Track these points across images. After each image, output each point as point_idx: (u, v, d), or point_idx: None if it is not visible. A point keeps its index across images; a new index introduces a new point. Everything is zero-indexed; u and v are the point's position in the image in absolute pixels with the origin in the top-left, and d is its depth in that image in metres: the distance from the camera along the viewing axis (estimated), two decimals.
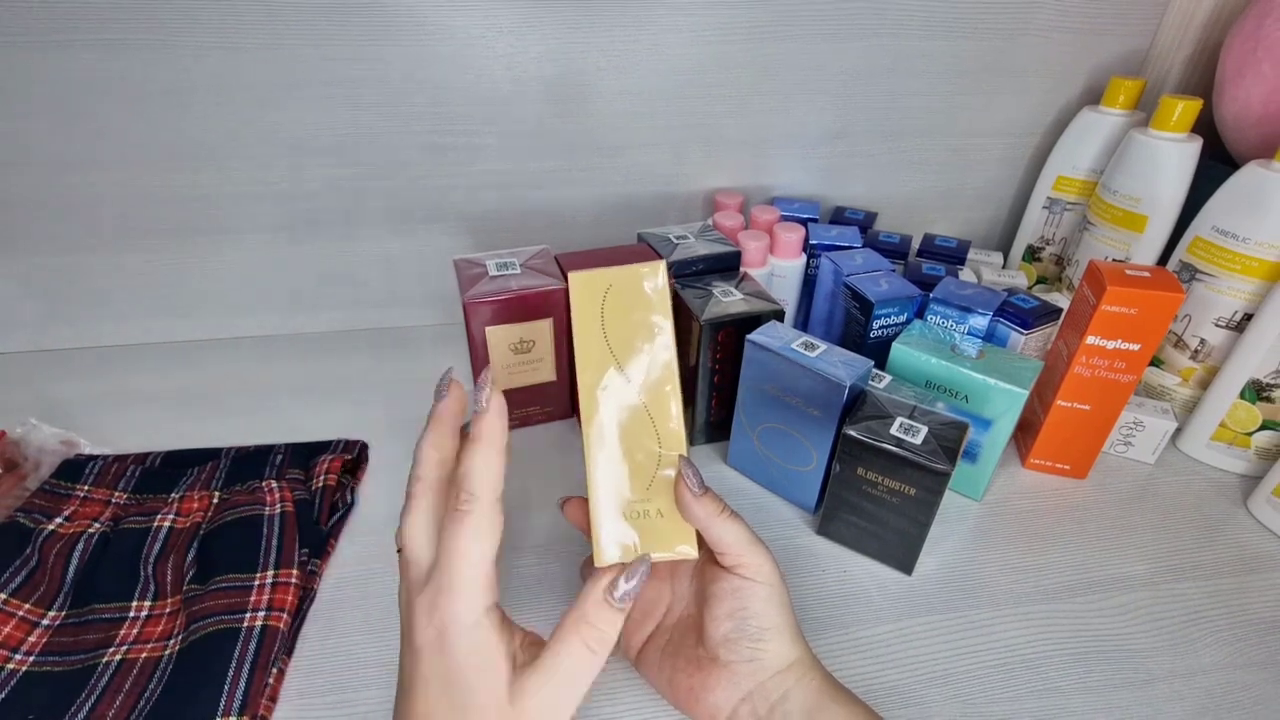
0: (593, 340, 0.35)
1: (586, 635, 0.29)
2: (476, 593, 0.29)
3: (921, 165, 0.73)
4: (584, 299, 0.35)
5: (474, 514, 0.29)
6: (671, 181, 0.69)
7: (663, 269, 0.35)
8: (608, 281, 0.35)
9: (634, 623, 0.39)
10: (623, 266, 0.35)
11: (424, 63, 0.59)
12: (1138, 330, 0.49)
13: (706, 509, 0.33)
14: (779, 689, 0.34)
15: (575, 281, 0.35)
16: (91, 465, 0.50)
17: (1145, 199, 0.61)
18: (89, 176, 0.59)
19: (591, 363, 0.34)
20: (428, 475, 0.31)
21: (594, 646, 0.29)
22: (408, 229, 0.67)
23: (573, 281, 0.35)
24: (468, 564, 0.28)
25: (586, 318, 0.35)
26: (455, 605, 0.28)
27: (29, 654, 0.40)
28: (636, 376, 0.34)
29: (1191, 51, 0.70)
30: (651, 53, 0.62)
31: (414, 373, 0.65)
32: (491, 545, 0.29)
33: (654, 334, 0.35)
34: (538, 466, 0.55)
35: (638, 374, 0.34)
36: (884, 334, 0.55)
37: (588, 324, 0.35)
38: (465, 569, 0.28)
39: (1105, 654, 0.43)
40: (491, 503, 0.29)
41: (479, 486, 0.29)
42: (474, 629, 0.28)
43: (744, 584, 0.34)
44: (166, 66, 0.56)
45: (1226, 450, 0.57)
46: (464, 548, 0.28)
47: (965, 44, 0.67)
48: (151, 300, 0.66)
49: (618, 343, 0.34)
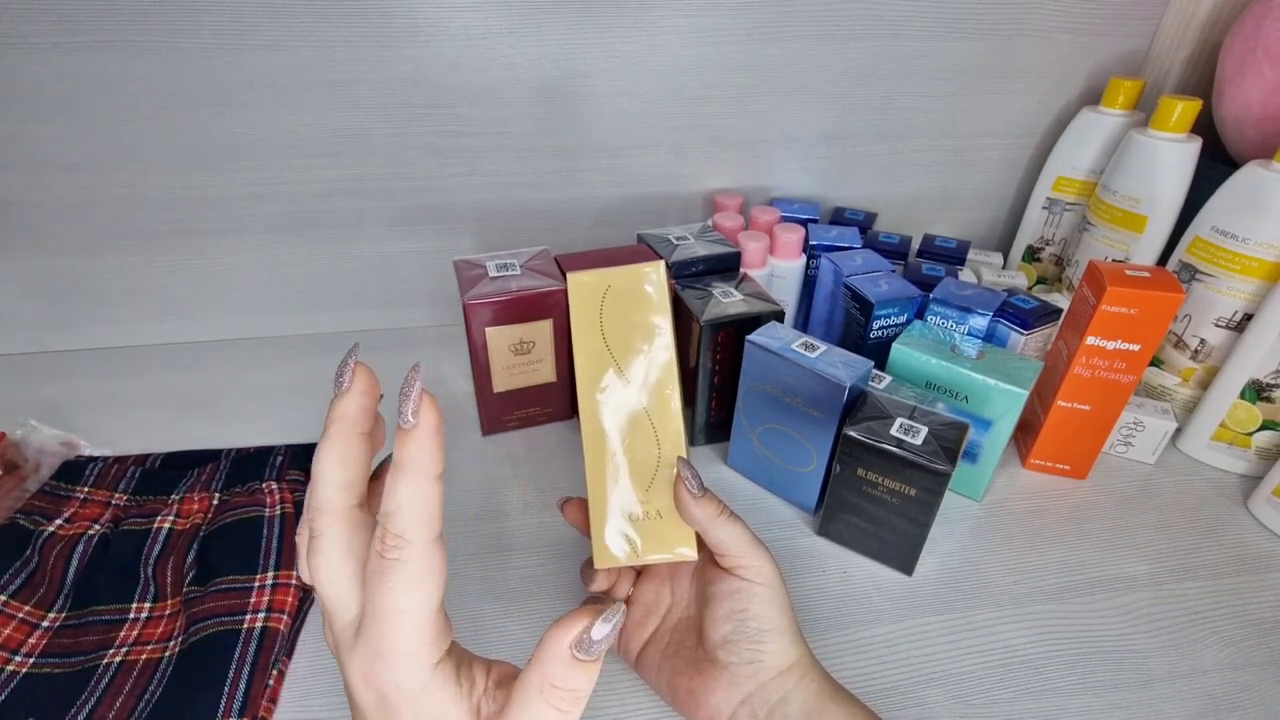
0: (592, 341, 0.34)
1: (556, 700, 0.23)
2: (419, 652, 0.23)
3: (921, 166, 0.73)
4: (582, 300, 0.35)
5: (406, 563, 0.23)
6: (671, 182, 0.69)
7: (662, 269, 0.35)
8: (606, 282, 0.35)
9: (634, 624, 0.39)
10: (622, 267, 0.35)
11: (424, 64, 0.59)
12: (1138, 330, 0.49)
13: (706, 510, 0.33)
14: (779, 691, 0.34)
15: (574, 283, 0.35)
16: (91, 467, 0.50)
17: (1145, 199, 0.61)
18: (89, 178, 0.59)
19: (591, 364, 0.34)
20: (333, 503, 0.24)
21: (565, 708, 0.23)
22: (407, 230, 0.67)
23: (571, 283, 0.35)
24: (404, 623, 0.23)
25: (585, 319, 0.34)
26: (395, 672, 0.23)
27: (29, 655, 0.40)
28: (636, 378, 0.34)
29: (1191, 52, 0.70)
30: (651, 53, 0.62)
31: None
32: (431, 594, 0.23)
33: (654, 335, 0.34)
34: (538, 468, 0.55)
35: (637, 375, 0.34)
36: (884, 334, 0.55)
37: (586, 325, 0.34)
38: (402, 629, 0.23)
39: (1106, 654, 0.43)
40: (427, 544, 0.23)
41: (409, 527, 0.23)
42: (422, 693, 0.23)
43: (744, 585, 0.34)
44: (167, 68, 0.56)
45: (1227, 450, 0.57)
46: (399, 605, 0.23)
47: (965, 44, 0.67)
48: (152, 301, 0.66)
49: (617, 344, 0.34)
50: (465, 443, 0.58)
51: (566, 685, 0.23)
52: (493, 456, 0.57)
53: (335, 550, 0.24)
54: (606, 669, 0.41)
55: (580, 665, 0.23)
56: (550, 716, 0.23)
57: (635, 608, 0.39)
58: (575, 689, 0.23)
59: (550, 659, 0.23)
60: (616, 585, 0.40)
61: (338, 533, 0.24)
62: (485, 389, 0.55)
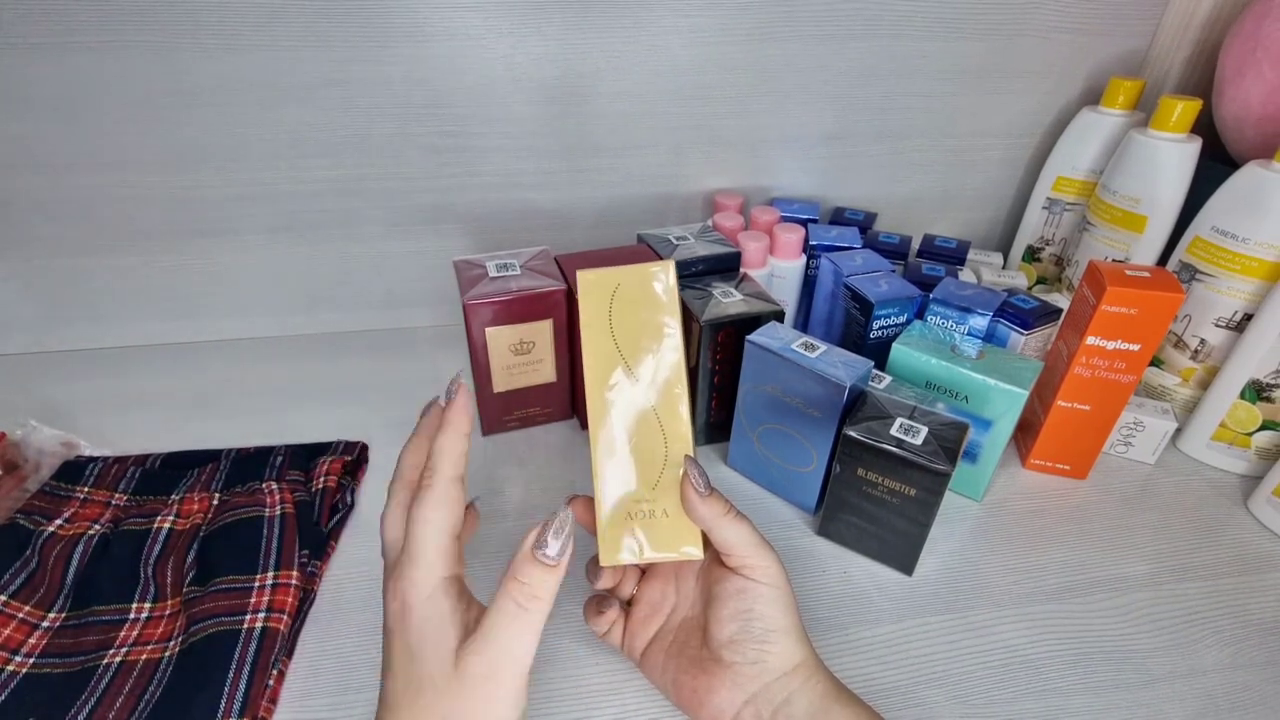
0: (601, 339, 0.34)
1: (515, 592, 0.29)
2: (434, 560, 0.30)
3: (921, 166, 0.73)
4: (592, 298, 0.35)
5: (434, 487, 0.30)
6: (671, 182, 0.69)
7: (672, 269, 0.35)
8: (616, 280, 0.35)
9: (638, 623, 0.39)
10: (631, 266, 0.35)
11: (424, 64, 0.59)
12: (1138, 330, 0.49)
13: (712, 509, 0.33)
14: (783, 691, 0.33)
15: (584, 280, 0.35)
16: (91, 467, 0.50)
17: (1145, 199, 0.61)
18: (89, 178, 0.59)
19: (599, 362, 0.34)
20: (404, 475, 0.33)
21: (523, 603, 0.29)
22: (408, 230, 0.67)
23: (581, 280, 0.35)
24: (426, 530, 0.30)
25: (595, 317, 0.34)
26: (414, 572, 0.29)
27: (29, 656, 0.40)
28: (644, 376, 0.34)
29: (1191, 52, 0.70)
30: (651, 53, 0.62)
31: (414, 374, 0.65)
32: (449, 516, 0.30)
33: (662, 334, 0.34)
34: (539, 467, 0.55)
35: (646, 374, 0.34)
36: (884, 334, 0.55)
37: (596, 323, 0.34)
38: (424, 535, 0.30)
39: (1106, 654, 0.43)
40: (450, 478, 0.31)
41: (440, 463, 0.31)
42: (430, 599, 0.29)
43: (749, 585, 0.34)
44: (167, 68, 0.56)
45: (1227, 450, 0.57)
46: (423, 516, 0.30)
47: (965, 45, 0.67)
48: (151, 302, 0.66)
49: (626, 342, 0.34)
50: None
51: (524, 578, 0.29)
52: (493, 456, 0.57)
53: (398, 506, 0.32)
54: (607, 669, 0.41)
55: (539, 565, 0.29)
56: (511, 610, 0.29)
57: (640, 606, 0.39)
58: (531, 584, 0.29)
59: (516, 559, 0.30)
60: (621, 583, 0.40)
61: (403, 495, 0.32)
62: (485, 389, 0.55)
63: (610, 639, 0.40)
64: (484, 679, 0.28)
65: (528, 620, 0.29)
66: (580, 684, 0.40)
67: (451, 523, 0.31)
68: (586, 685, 0.40)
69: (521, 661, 0.29)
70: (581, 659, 0.42)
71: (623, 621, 0.39)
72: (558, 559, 0.29)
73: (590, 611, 0.39)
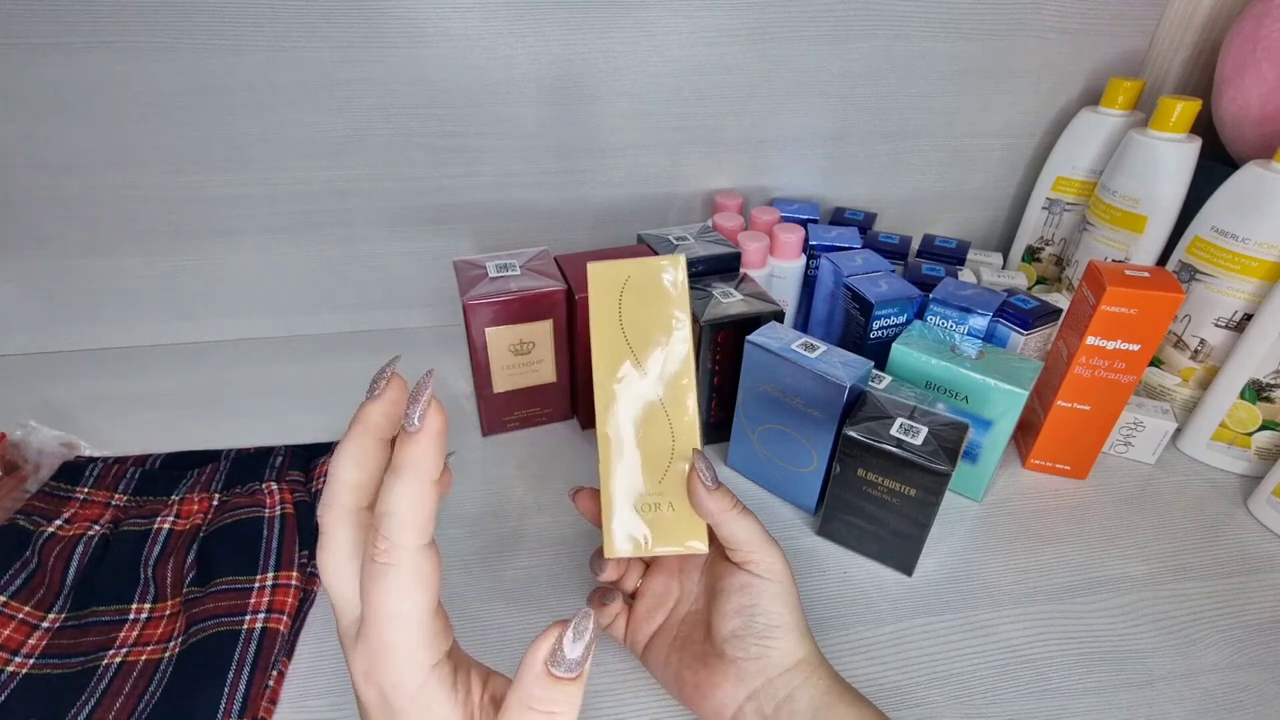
0: (609, 332, 0.34)
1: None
2: (415, 653, 0.24)
3: (921, 166, 0.73)
4: (602, 290, 0.34)
5: (395, 567, 0.23)
6: (671, 183, 0.69)
7: (682, 263, 0.35)
8: (626, 273, 0.34)
9: (642, 616, 0.39)
10: (641, 259, 0.35)
11: (424, 64, 0.59)
12: (1138, 330, 0.49)
13: (719, 504, 0.33)
14: (786, 687, 0.34)
15: (594, 272, 0.35)
16: (91, 467, 0.50)
17: (1144, 199, 0.61)
18: (89, 178, 0.59)
19: (607, 354, 0.34)
20: (341, 502, 0.25)
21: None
22: (407, 231, 0.67)
23: (591, 272, 0.35)
24: (399, 626, 0.23)
25: (604, 309, 0.34)
26: (392, 672, 0.24)
27: (29, 656, 0.40)
28: (653, 369, 0.34)
29: (1190, 52, 0.70)
30: (651, 54, 0.62)
31: (414, 374, 0.65)
32: (424, 599, 0.24)
33: (672, 327, 0.34)
34: (539, 468, 0.55)
35: (654, 367, 0.34)
36: (884, 335, 0.55)
37: (605, 315, 0.34)
38: (397, 632, 0.23)
39: (1106, 654, 0.43)
40: (418, 550, 0.23)
41: (400, 532, 0.23)
42: (419, 693, 0.24)
43: (754, 580, 0.34)
44: (167, 69, 0.56)
45: (1227, 450, 0.57)
46: (392, 608, 0.23)
47: (964, 45, 0.67)
48: (151, 302, 0.66)
49: (635, 335, 0.34)
50: (465, 443, 0.58)
51: (544, 706, 0.22)
52: (493, 457, 0.57)
53: (341, 549, 0.25)
54: (607, 669, 0.41)
55: (557, 683, 0.22)
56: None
57: (643, 599, 0.39)
58: (553, 709, 0.22)
59: (527, 679, 0.23)
60: (625, 576, 0.40)
61: (343, 532, 0.25)
62: (485, 389, 0.55)
63: (613, 632, 0.40)
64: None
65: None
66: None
67: (430, 604, 0.24)
68: (589, 683, 0.40)
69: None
70: None
71: (626, 614, 0.40)
72: (578, 669, 0.23)
73: (594, 604, 0.39)
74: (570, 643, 0.22)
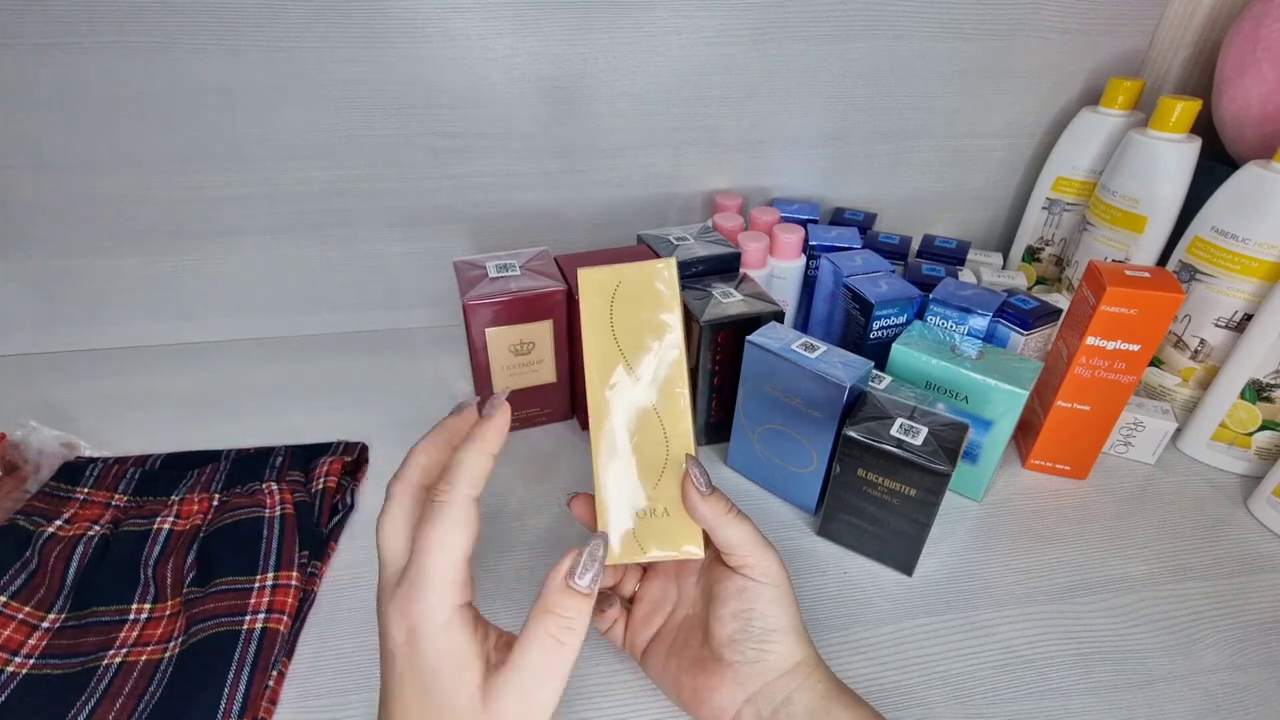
0: (602, 337, 0.34)
1: (551, 626, 0.28)
2: (448, 589, 0.28)
3: (921, 166, 0.73)
4: (593, 296, 0.34)
5: (450, 504, 0.28)
6: (671, 183, 0.69)
7: (674, 266, 0.34)
8: (618, 278, 0.34)
9: (639, 621, 0.39)
10: (633, 263, 0.35)
11: (423, 65, 0.59)
12: (1138, 331, 0.49)
13: (714, 508, 0.33)
14: (784, 690, 0.34)
15: (584, 278, 0.35)
16: (91, 468, 0.50)
17: (1144, 199, 0.61)
18: (89, 179, 0.59)
19: (600, 360, 0.34)
20: (410, 477, 0.30)
21: (561, 637, 0.28)
22: (407, 231, 0.67)
23: (582, 278, 0.35)
24: (441, 556, 0.27)
25: (595, 315, 0.34)
26: (426, 601, 0.27)
27: (29, 657, 0.40)
28: (645, 374, 0.34)
29: (1190, 52, 0.70)
30: (651, 54, 0.62)
31: (414, 374, 0.66)
32: (465, 539, 0.28)
33: (664, 332, 0.34)
34: (538, 468, 0.55)
35: (647, 372, 0.34)
36: (884, 335, 0.55)
37: (597, 321, 0.34)
38: (438, 561, 0.27)
39: (1106, 655, 0.43)
40: (469, 497, 0.28)
41: (460, 478, 0.28)
42: (445, 628, 0.27)
43: (750, 584, 0.34)
44: (167, 69, 0.56)
45: (1227, 450, 0.57)
46: (438, 539, 0.28)
47: (964, 45, 0.67)
48: (151, 302, 0.66)
49: (627, 340, 0.34)
50: None
51: (562, 611, 0.28)
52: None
53: (399, 511, 0.30)
54: (608, 669, 0.41)
55: (574, 595, 0.28)
56: (548, 644, 0.28)
57: (641, 605, 0.39)
58: (569, 616, 0.28)
59: (549, 590, 0.28)
60: (622, 582, 0.40)
61: (405, 500, 0.30)
62: (485, 390, 0.55)
63: (612, 636, 0.40)
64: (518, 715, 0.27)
65: (564, 655, 0.28)
66: (581, 684, 0.40)
67: (467, 546, 0.28)
68: (588, 685, 0.40)
69: (554, 695, 0.28)
70: (583, 659, 0.42)
71: (624, 619, 0.40)
72: (591, 588, 0.29)
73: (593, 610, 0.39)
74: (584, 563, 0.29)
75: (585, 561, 0.29)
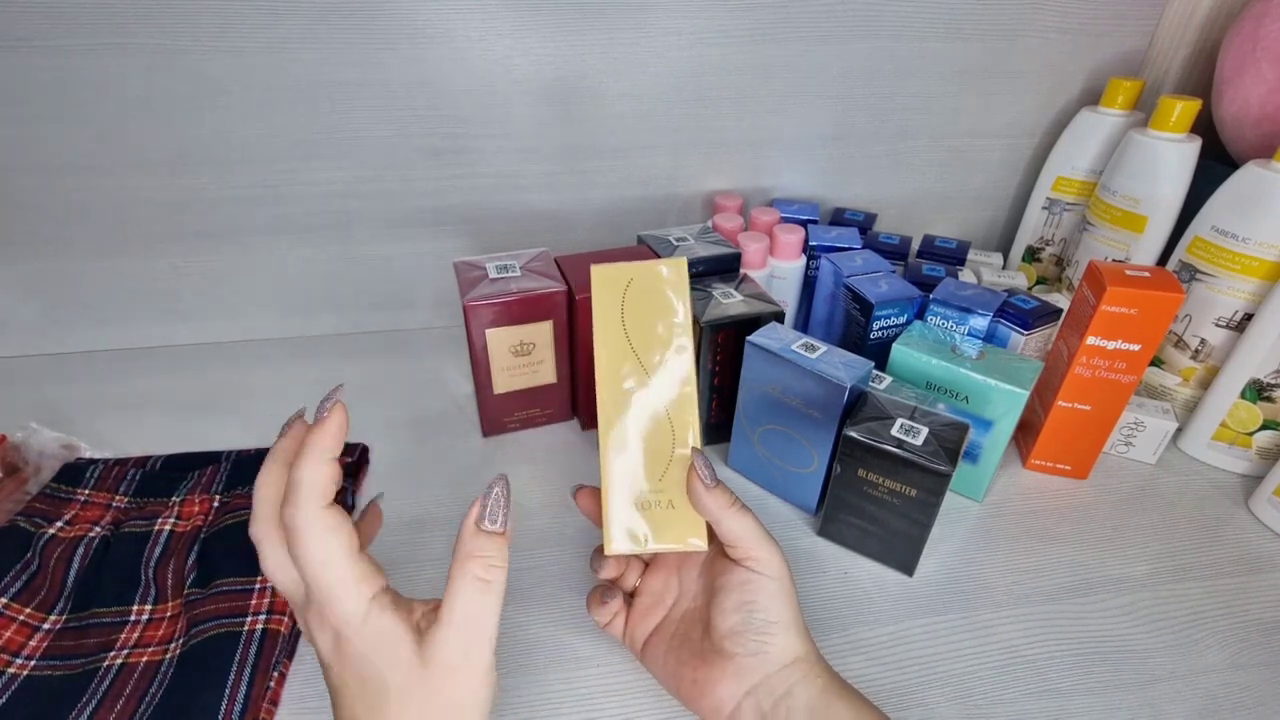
0: (612, 332, 0.35)
1: (475, 568, 0.29)
2: (350, 590, 0.28)
3: (921, 166, 0.73)
4: (605, 292, 0.35)
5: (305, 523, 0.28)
6: (671, 183, 0.69)
7: (684, 266, 0.35)
8: (629, 276, 0.35)
9: (641, 614, 0.39)
10: (644, 262, 0.36)
11: (423, 66, 0.59)
12: (1138, 330, 0.49)
13: (718, 501, 0.34)
14: (784, 684, 0.34)
15: (597, 274, 0.35)
16: (92, 469, 0.50)
17: (1145, 199, 0.61)
18: (89, 180, 0.59)
19: (610, 354, 0.35)
20: (264, 515, 0.30)
21: (486, 575, 0.29)
22: (407, 232, 0.67)
23: (595, 274, 0.35)
24: (324, 570, 0.28)
25: (607, 310, 0.35)
26: (338, 610, 0.28)
27: (30, 658, 0.40)
28: (654, 369, 0.35)
29: (1190, 52, 0.70)
30: (651, 55, 0.62)
31: (415, 375, 0.65)
32: (338, 544, 0.28)
33: (673, 329, 0.35)
34: (538, 469, 0.55)
35: (656, 367, 0.35)
36: (884, 335, 0.55)
37: (608, 316, 0.35)
38: (325, 575, 0.28)
39: (1107, 655, 0.43)
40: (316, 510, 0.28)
41: (300, 497, 0.28)
42: (366, 620, 0.28)
43: (752, 577, 0.35)
44: (166, 70, 0.56)
45: (1227, 450, 0.57)
46: (311, 556, 0.28)
47: (964, 45, 0.67)
48: (152, 304, 0.66)
49: (637, 336, 0.35)
50: (466, 444, 0.58)
51: (481, 552, 0.29)
52: (493, 458, 0.57)
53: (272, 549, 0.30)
54: (608, 669, 0.41)
55: (488, 535, 0.30)
56: (473, 586, 0.29)
57: (643, 597, 0.40)
58: (489, 554, 0.29)
59: (464, 538, 0.30)
60: (625, 574, 0.40)
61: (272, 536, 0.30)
62: (485, 390, 0.55)
63: (612, 629, 0.40)
64: (458, 665, 0.29)
65: (492, 593, 0.29)
66: (581, 684, 0.40)
67: (347, 547, 0.28)
68: (588, 685, 0.40)
69: (491, 636, 0.29)
70: (584, 660, 0.42)
71: (625, 612, 0.40)
72: (504, 528, 0.30)
73: (594, 601, 0.40)
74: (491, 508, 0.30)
75: (492, 506, 0.30)
